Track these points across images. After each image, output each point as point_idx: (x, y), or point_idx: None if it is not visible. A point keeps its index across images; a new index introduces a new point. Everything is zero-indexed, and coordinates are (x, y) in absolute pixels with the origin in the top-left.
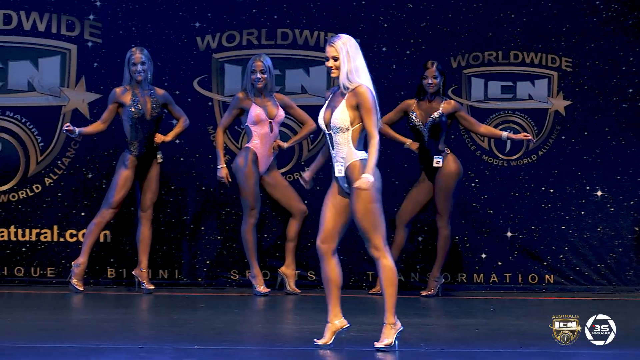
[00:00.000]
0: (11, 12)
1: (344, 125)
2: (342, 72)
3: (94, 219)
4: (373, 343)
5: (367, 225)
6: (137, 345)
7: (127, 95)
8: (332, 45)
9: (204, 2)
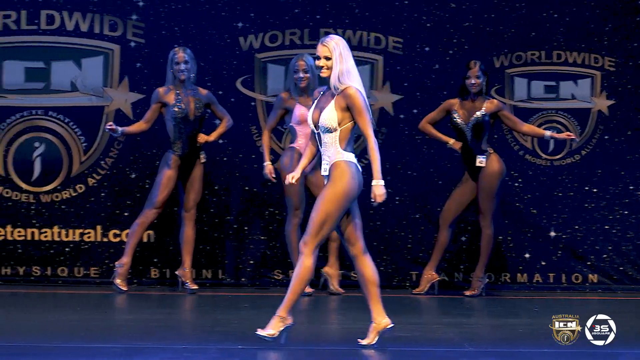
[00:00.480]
0: (54, 12)
1: (331, 126)
2: (334, 72)
3: (138, 219)
4: None
5: (317, 220)
6: (181, 345)
7: (170, 95)
8: (325, 45)
9: (246, 2)
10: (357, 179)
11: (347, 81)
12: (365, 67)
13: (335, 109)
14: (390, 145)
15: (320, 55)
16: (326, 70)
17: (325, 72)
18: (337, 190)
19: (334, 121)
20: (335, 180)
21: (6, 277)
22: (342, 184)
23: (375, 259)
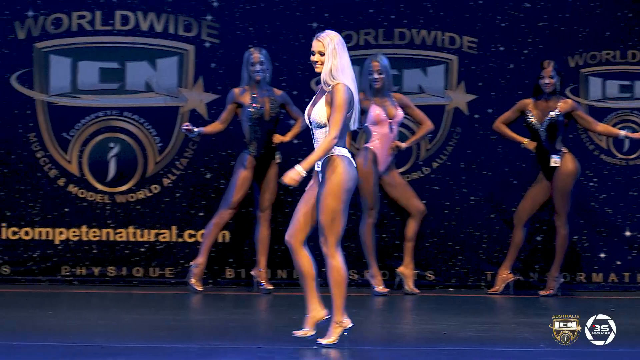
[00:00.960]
0: (129, 12)
1: (321, 121)
2: (325, 67)
3: (213, 219)
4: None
5: (325, 221)
6: (256, 345)
7: (245, 95)
8: (320, 40)
9: (321, 2)
10: (352, 172)
11: (340, 78)
12: (440, 67)
13: (325, 104)
14: (465, 145)
15: (315, 50)
16: (320, 65)
17: (319, 67)
18: (333, 185)
19: (323, 117)
20: (330, 177)
21: (81, 278)
22: (338, 179)
23: (450, 259)
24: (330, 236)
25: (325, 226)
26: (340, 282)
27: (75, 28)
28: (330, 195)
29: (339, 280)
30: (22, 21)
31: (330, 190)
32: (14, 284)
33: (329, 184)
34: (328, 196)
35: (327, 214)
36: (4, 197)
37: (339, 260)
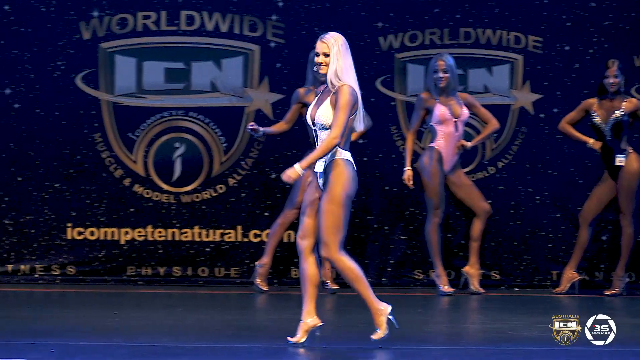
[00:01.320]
0: (194, 12)
1: (326, 123)
2: (331, 69)
3: (278, 219)
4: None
5: (326, 226)
6: (321, 345)
7: (310, 95)
8: (324, 41)
9: (386, 2)
10: (355, 177)
11: (345, 79)
12: (505, 67)
13: (330, 106)
14: (530, 145)
15: (319, 51)
16: (324, 66)
17: (324, 68)
18: (338, 191)
19: (329, 118)
20: (334, 182)
21: (147, 278)
22: (342, 185)
23: (516, 258)
24: (333, 242)
25: (325, 231)
26: (358, 278)
27: (140, 28)
28: (334, 202)
29: (355, 277)
30: (87, 21)
31: (333, 196)
32: (79, 284)
33: (332, 189)
34: (331, 202)
35: (328, 220)
36: (69, 197)
37: (345, 261)
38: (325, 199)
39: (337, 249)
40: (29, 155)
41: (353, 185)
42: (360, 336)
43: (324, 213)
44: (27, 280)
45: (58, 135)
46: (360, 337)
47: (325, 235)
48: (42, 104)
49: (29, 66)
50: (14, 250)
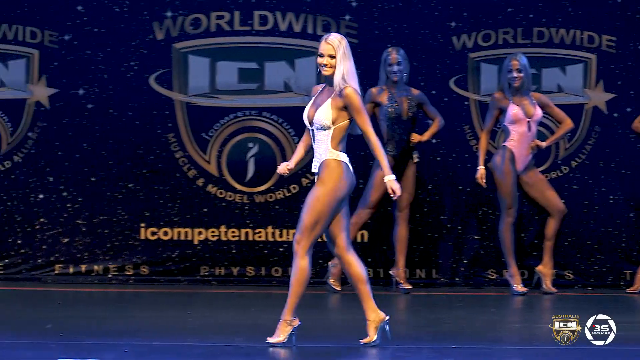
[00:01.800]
0: (267, 12)
1: (325, 124)
2: (339, 71)
3: (352, 219)
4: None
5: (307, 221)
6: (395, 344)
7: (383, 95)
8: (329, 43)
9: (460, 2)
10: (348, 179)
11: (350, 81)
12: (579, 66)
13: (331, 107)
14: (604, 144)
15: (325, 53)
16: (329, 68)
17: (329, 70)
18: (327, 189)
19: (329, 119)
20: (325, 180)
21: (220, 278)
22: (331, 184)
23: (589, 258)
24: (308, 238)
25: (306, 227)
26: (302, 282)
27: (213, 28)
28: (321, 200)
29: (302, 280)
30: (160, 22)
31: (323, 194)
32: (153, 284)
33: (323, 187)
34: (318, 199)
35: (312, 216)
36: (142, 198)
37: (307, 262)
38: (314, 196)
39: (309, 247)
40: (102, 156)
41: (343, 186)
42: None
43: (307, 208)
44: (101, 281)
45: (131, 136)
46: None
47: (302, 231)
48: (115, 105)
49: (103, 66)
50: (87, 251)
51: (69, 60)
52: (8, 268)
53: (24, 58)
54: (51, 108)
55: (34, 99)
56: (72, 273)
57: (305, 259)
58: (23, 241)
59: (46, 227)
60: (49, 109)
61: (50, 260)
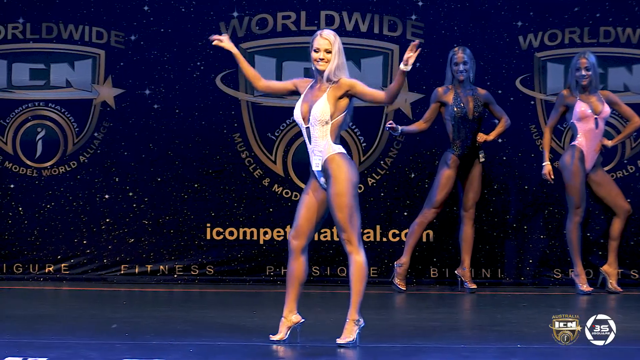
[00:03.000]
0: (334, 12)
1: (324, 118)
2: (331, 65)
3: (417, 219)
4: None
5: (343, 219)
6: (460, 345)
7: (449, 94)
8: (326, 38)
9: (526, 1)
10: (354, 166)
11: (341, 74)
12: None
13: (328, 101)
14: None
15: (321, 48)
16: (325, 63)
17: (324, 65)
18: (344, 183)
19: (327, 114)
20: (337, 175)
21: (283, 277)
22: (345, 175)
23: None
24: (352, 233)
25: (345, 224)
26: (362, 279)
27: (280, 28)
28: (343, 193)
29: (361, 277)
30: (227, 22)
31: (341, 188)
32: (218, 284)
33: (338, 182)
34: (341, 195)
35: (344, 212)
36: (209, 198)
37: (362, 257)
38: (335, 194)
39: (358, 240)
40: (168, 156)
41: (355, 173)
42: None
43: (337, 208)
44: (166, 280)
45: (197, 136)
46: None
47: (345, 229)
48: (181, 105)
49: (169, 67)
50: (153, 251)
51: (135, 60)
52: (74, 268)
53: (90, 58)
54: (117, 108)
55: (100, 100)
56: (138, 273)
57: (360, 254)
58: (89, 241)
59: (112, 227)
60: (115, 109)
61: (116, 260)
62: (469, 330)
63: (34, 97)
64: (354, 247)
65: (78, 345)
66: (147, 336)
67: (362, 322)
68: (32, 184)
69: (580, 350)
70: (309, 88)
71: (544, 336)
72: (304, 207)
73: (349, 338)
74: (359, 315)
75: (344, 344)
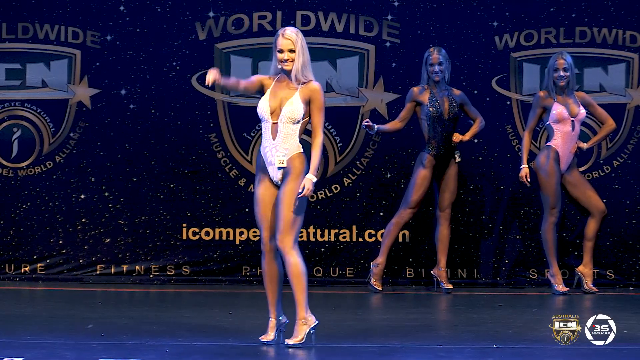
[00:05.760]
0: (310, 13)
1: (296, 117)
2: (297, 64)
3: (393, 219)
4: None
5: (288, 217)
6: (436, 345)
7: (424, 94)
8: (288, 37)
9: (502, 1)
10: None
11: (308, 74)
12: (621, 65)
13: (301, 101)
14: None
15: (284, 48)
16: (290, 62)
17: (290, 64)
18: (294, 192)
19: (300, 114)
20: (297, 174)
21: (262, 278)
22: (303, 176)
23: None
24: (291, 234)
25: (287, 222)
26: (301, 278)
27: (256, 29)
28: (293, 193)
29: (299, 276)
30: (202, 22)
31: (297, 187)
32: (194, 284)
33: (296, 181)
34: (294, 193)
35: (291, 210)
36: (185, 198)
37: (296, 257)
38: (289, 191)
39: (294, 242)
40: (144, 156)
41: None
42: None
43: (286, 205)
44: (142, 281)
45: (173, 136)
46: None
47: (284, 228)
48: (157, 105)
49: (145, 67)
50: (129, 251)
51: (111, 60)
52: (50, 268)
53: (66, 58)
54: (93, 108)
55: (76, 100)
56: (114, 273)
57: (293, 254)
58: (65, 241)
59: (88, 227)
60: (91, 109)
61: (92, 260)
62: (445, 330)
63: (9, 97)
64: (287, 247)
65: (54, 345)
66: (123, 336)
67: (313, 320)
68: (7, 184)
69: (555, 351)
70: (276, 83)
71: (519, 336)
72: (269, 205)
73: (296, 338)
74: (309, 313)
75: (292, 344)
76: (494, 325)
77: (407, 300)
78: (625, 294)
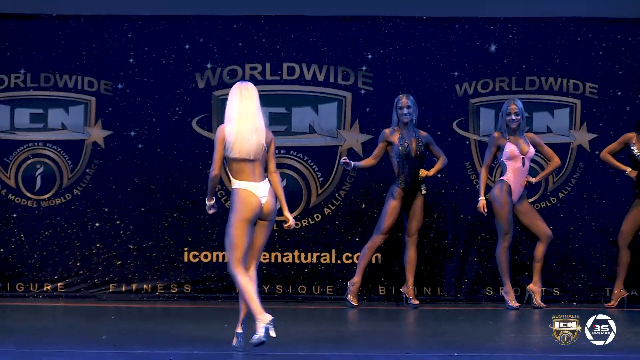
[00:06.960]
0: (294, 64)
1: None
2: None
3: (367, 243)
4: None
5: (226, 245)
6: (405, 353)
7: (395, 135)
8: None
9: (461, 54)
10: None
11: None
12: (565, 110)
13: None
14: (587, 179)
15: None
16: None
17: None
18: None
19: None
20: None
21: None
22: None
23: (574, 277)
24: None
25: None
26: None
27: (247, 78)
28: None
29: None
30: (201, 72)
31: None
32: (195, 301)
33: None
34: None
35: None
36: (186, 225)
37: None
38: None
39: (234, 264)
40: (151, 189)
41: (243, 207)
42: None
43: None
44: (149, 298)
45: (176, 171)
46: (446, 346)
47: (226, 252)
48: (162, 144)
49: (151, 111)
50: (137, 272)
51: (122, 106)
52: (69, 287)
53: (83, 104)
54: (106, 148)
55: (91, 140)
56: (124, 291)
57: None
58: (82, 263)
59: (102, 251)
60: (104, 149)
61: (105, 280)
62: (412, 341)
63: (33, 138)
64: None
65: (73, 354)
66: (133, 346)
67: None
68: (32, 213)
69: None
70: None
71: (478, 345)
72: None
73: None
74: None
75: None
76: (456, 336)
77: (379, 314)
78: (570, 308)
